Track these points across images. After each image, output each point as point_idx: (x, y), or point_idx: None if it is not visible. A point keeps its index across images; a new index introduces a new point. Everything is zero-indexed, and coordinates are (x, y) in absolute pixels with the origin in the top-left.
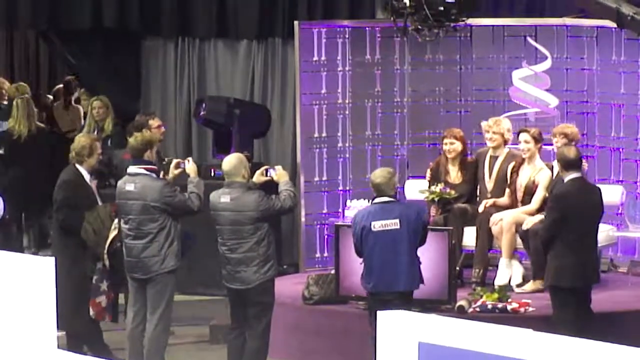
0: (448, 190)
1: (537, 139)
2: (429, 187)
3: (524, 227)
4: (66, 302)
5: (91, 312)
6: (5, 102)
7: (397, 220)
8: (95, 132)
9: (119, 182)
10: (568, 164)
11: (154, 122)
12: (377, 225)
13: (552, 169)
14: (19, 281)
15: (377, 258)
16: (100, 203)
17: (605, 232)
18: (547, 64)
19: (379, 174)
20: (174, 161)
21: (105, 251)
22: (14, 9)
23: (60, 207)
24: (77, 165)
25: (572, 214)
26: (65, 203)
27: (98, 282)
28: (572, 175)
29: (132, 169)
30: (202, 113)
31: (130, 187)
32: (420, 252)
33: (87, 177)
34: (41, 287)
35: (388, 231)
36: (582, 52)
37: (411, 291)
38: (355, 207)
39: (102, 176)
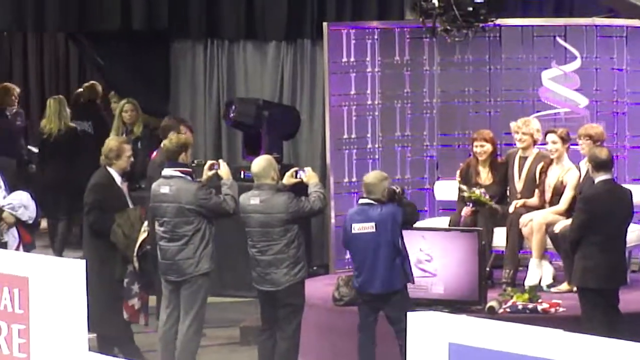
0: (487, 196)
1: (565, 139)
2: (469, 188)
3: (556, 229)
4: (97, 304)
5: (125, 315)
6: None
7: (373, 224)
8: (124, 135)
9: (154, 185)
10: (599, 165)
11: (182, 129)
12: (355, 228)
13: (579, 169)
14: (50, 283)
15: (357, 259)
16: (131, 205)
17: (635, 232)
18: (576, 64)
19: (371, 175)
20: (208, 163)
21: (135, 254)
22: (43, 11)
23: (91, 210)
24: (108, 168)
25: (600, 216)
26: (95, 205)
27: (130, 284)
28: (602, 176)
29: (167, 171)
30: (231, 115)
31: (165, 189)
32: (451, 252)
33: (117, 179)
34: (72, 289)
35: (365, 234)
36: (612, 52)
37: (392, 292)
38: None
39: (132, 179)
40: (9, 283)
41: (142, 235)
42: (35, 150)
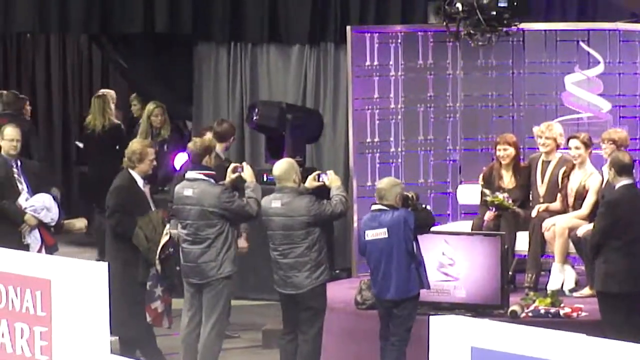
0: (510, 201)
1: (587, 144)
2: (492, 192)
3: (578, 234)
4: (119, 307)
5: (148, 318)
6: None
7: (385, 230)
8: (150, 137)
9: (177, 187)
10: (621, 169)
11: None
12: (369, 234)
13: (602, 174)
14: (73, 286)
15: (372, 266)
16: (153, 208)
17: None
18: (599, 68)
19: (384, 181)
20: (231, 166)
21: (157, 257)
22: (66, 13)
23: (113, 213)
24: (130, 171)
25: (622, 221)
26: (117, 209)
27: (152, 287)
28: (624, 181)
29: (190, 174)
30: (254, 118)
31: (188, 192)
32: (473, 257)
33: (140, 182)
34: (94, 292)
35: (378, 240)
36: (635, 57)
37: (407, 298)
38: None
39: (155, 181)
40: (32, 285)
41: (165, 238)
42: (81, 145)
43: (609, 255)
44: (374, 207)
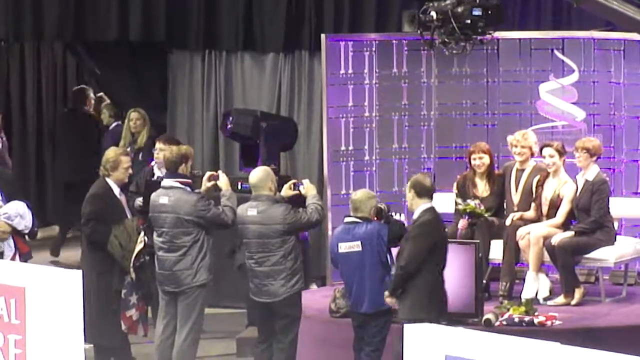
0: (482, 207)
1: (561, 152)
2: (464, 200)
3: (553, 242)
4: (94, 315)
5: (123, 326)
6: None
7: (359, 242)
8: (129, 146)
9: (153, 195)
10: (422, 192)
11: None
12: (342, 247)
13: (576, 182)
14: (47, 294)
15: (346, 279)
16: (129, 217)
17: (632, 246)
18: (574, 77)
19: (358, 193)
20: (207, 174)
21: (132, 264)
22: (40, 21)
23: (88, 221)
24: (106, 179)
25: (439, 243)
26: (92, 216)
27: (127, 295)
28: (425, 204)
29: (166, 182)
30: (228, 126)
31: (164, 200)
32: (448, 265)
33: (116, 190)
34: (69, 300)
35: (352, 253)
36: (610, 65)
37: (381, 310)
38: None
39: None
40: (6, 293)
41: (139, 246)
42: None
43: (423, 282)
44: (347, 219)
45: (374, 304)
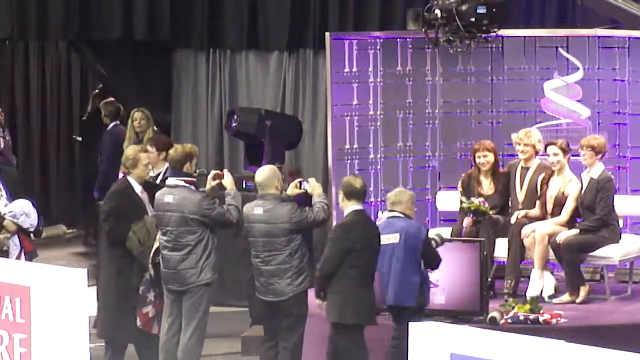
0: (487, 205)
1: (566, 150)
2: (468, 198)
3: (558, 240)
4: (111, 311)
5: (138, 323)
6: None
7: (397, 235)
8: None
9: (157, 194)
10: (351, 194)
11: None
12: (382, 240)
13: (580, 180)
14: (52, 292)
15: (380, 271)
16: (150, 214)
17: (637, 244)
18: (578, 74)
19: (396, 192)
20: (212, 173)
21: (150, 261)
22: (45, 20)
23: (107, 218)
24: (128, 177)
25: (356, 246)
26: (111, 213)
27: (145, 292)
28: (354, 206)
29: (171, 180)
30: (233, 125)
31: (169, 198)
32: (452, 263)
33: (137, 188)
34: (74, 299)
35: (388, 245)
36: (614, 63)
37: (404, 307)
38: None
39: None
40: (11, 292)
41: (157, 243)
42: (79, 139)
43: (345, 285)
44: (388, 214)
45: (399, 298)
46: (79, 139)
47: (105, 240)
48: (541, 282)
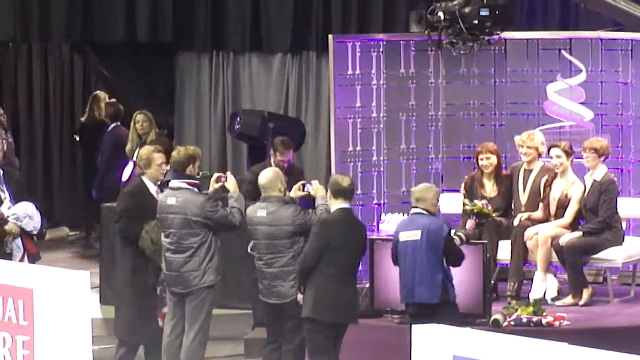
0: (490, 208)
1: (569, 153)
2: (471, 200)
3: (561, 242)
4: (129, 312)
5: (160, 323)
6: None
7: (419, 232)
8: (136, 148)
9: (160, 196)
10: (338, 193)
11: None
12: (402, 236)
13: (583, 183)
14: (55, 295)
15: (402, 268)
16: None
17: None
18: (581, 77)
19: (421, 187)
20: (215, 175)
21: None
22: (48, 22)
23: (120, 217)
24: (142, 177)
25: (334, 244)
26: (124, 213)
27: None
28: (340, 204)
29: (174, 182)
30: (236, 127)
31: (171, 201)
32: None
33: (152, 188)
34: (77, 301)
35: (410, 242)
36: (617, 65)
37: (431, 304)
38: (390, 221)
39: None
40: (14, 294)
41: None
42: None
43: (321, 282)
44: (412, 210)
45: (426, 295)
46: (77, 138)
47: (120, 241)
48: (544, 285)
